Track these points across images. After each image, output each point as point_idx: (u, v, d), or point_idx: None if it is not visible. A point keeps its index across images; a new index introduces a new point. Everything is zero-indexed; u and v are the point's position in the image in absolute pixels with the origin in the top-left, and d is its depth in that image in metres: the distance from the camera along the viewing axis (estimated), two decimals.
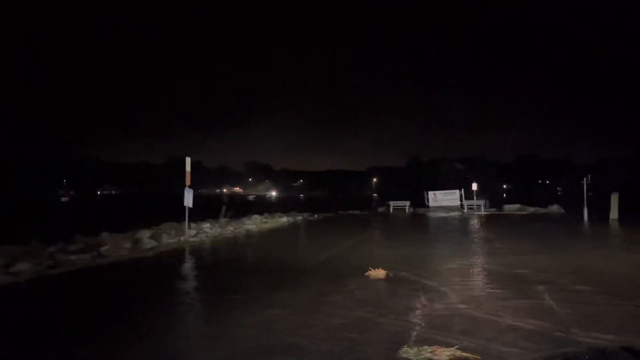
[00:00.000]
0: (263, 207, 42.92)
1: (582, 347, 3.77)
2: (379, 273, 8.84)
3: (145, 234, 15.06)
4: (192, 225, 18.26)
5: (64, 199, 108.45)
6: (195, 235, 16.37)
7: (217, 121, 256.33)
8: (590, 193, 24.14)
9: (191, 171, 16.52)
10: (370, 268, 9.08)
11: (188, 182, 15.97)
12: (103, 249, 12.75)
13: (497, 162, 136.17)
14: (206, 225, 18.01)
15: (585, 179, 25.40)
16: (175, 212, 19.33)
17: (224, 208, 19.06)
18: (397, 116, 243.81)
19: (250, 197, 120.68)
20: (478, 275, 8.88)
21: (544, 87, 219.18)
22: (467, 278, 8.68)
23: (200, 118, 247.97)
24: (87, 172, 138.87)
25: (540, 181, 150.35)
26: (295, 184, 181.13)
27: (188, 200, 15.81)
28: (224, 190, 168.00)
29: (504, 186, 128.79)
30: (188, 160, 15.97)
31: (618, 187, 26.65)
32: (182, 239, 15.52)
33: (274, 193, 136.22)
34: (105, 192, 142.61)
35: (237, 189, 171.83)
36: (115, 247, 13.20)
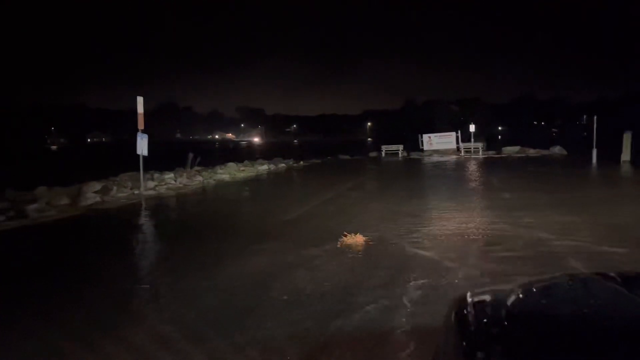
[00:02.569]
0: (247, 154, 40.74)
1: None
2: (356, 240, 6.75)
3: (92, 187, 12.90)
4: (156, 176, 16.15)
5: (53, 147, 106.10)
6: (154, 188, 14.23)
7: (208, 65, 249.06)
8: (585, 133, 21.99)
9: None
10: (345, 233, 6.99)
11: (141, 125, 13.62)
12: (31, 207, 10.59)
13: (492, 103, 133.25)
14: (169, 176, 15.82)
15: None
16: (157, 161, 17.32)
17: (190, 156, 16.78)
18: (392, 58, 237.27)
19: (243, 143, 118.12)
20: (489, 245, 6.74)
21: (539, 27, 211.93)
22: (472, 248, 6.58)
23: (190, 62, 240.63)
24: (76, 119, 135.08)
25: (535, 122, 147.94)
26: (288, 130, 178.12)
27: (142, 147, 13.52)
28: (216, 136, 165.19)
29: (500, 128, 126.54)
30: (140, 100, 13.53)
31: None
32: (135, 192, 13.38)
33: (256, 139, 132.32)
34: (95, 139, 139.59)
35: (229, 135, 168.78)
36: (48, 204, 11.07)
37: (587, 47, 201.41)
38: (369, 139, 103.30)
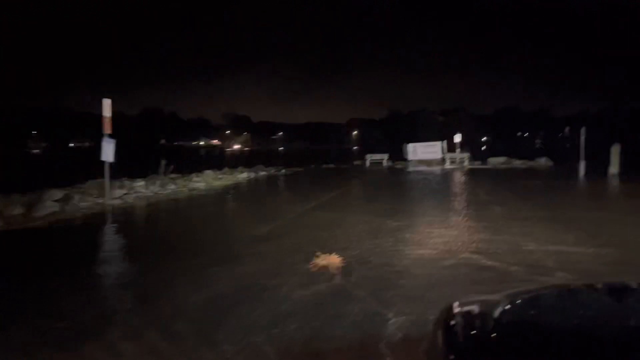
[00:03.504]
0: (229, 161, 39.80)
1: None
2: (331, 262, 5.97)
3: (53, 196, 11.96)
4: (126, 183, 15.21)
5: (34, 151, 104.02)
6: (121, 197, 13.30)
7: (195, 72, 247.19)
8: (568, 145, 21.66)
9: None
10: (319, 253, 6.20)
11: (107, 129, 12.72)
12: None
13: (477, 114, 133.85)
14: (140, 184, 14.91)
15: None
16: (134, 167, 16.54)
17: (163, 163, 15.86)
18: (378, 68, 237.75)
19: (228, 150, 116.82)
20: (482, 270, 5.99)
21: (523, 38, 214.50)
22: (462, 273, 5.83)
23: (177, 68, 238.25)
24: (59, 123, 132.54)
25: (520, 133, 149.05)
26: (274, 137, 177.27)
27: (107, 153, 12.61)
28: (201, 142, 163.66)
29: (484, 138, 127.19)
30: (106, 102, 12.63)
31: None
32: (99, 201, 12.45)
33: (236, 146, 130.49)
34: (77, 144, 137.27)
35: (214, 142, 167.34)
36: None
37: (570, 60, 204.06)
38: (355, 147, 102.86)
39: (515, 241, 7.11)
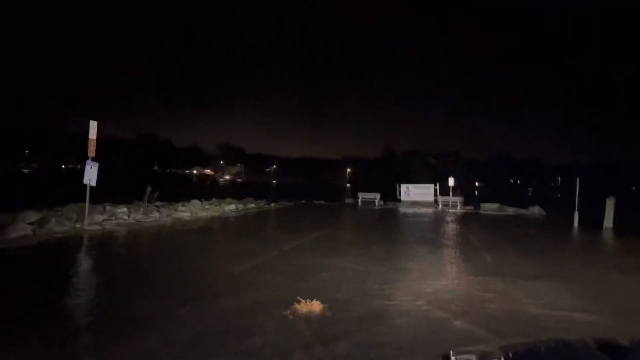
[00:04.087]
0: (219, 191, 39.31)
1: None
2: (312, 309, 5.47)
3: (27, 218, 11.42)
4: (108, 209, 14.69)
5: (25, 171, 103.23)
6: (100, 223, 12.75)
7: (192, 101, 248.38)
8: (559, 195, 21.42)
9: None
10: (299, 299, 5.70)
11: (91, 152, 12.30)
12: None
13: (470, 159, 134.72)
14: (122, 210, 14.37)
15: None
16: (120, 192, 16.07)
17: (148, 189, 15.35)
18: (373, 108, 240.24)
19: (221, 180, 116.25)
20: (473, 325, 5.51)
21: (520, 87, 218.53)
22: (453, 331, 5.34)
23: (174, 96, 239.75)
24: (52, 145, 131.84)
25: (512, 180, 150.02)
26: (268, 169, 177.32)
27: (90, 176, 12.15)
28: (194, 171, 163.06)
29: (477, 184, 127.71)
30: (93, 124, 12.26)
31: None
32: (77, 226, 11.90)
33: (227, 177, 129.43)
34: (70, 165, 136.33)
35: (207, 171, 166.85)
36: None
37: (562, 111, 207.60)
38: (348, 184, 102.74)
39: (515, 299, 6.62)
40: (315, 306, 5.56)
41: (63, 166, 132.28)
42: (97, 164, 12.37)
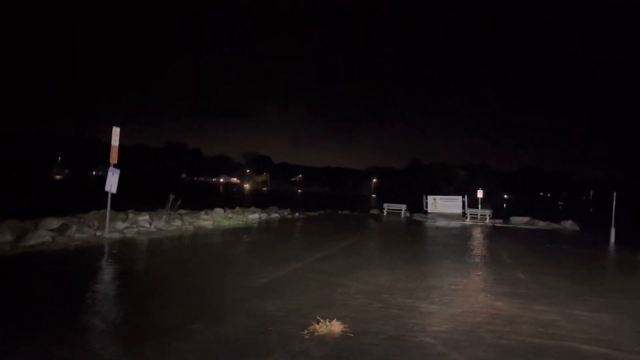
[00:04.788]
0: (244, 199, 39.28)
1: None
2: (331, 330, 5.07)
3: (49, 224, 11.35)
4: (130, 216, 14.59)
5: (58, 177, 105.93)
6: (122, 230, 12.61)
7: (220, 110, 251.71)
8: (591, 209, 20.47)
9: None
10: (318, 318, 5.31)
11: (114, 159, 12.18)
12: None
13: (498, 171, 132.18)
14: (144, 218, 14.24)
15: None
16: (146, 199, 16.11)
17: (170, 197, 15.19)
18: (400, 119, 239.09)
19: (247, 187, 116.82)
20: (505, 352, 5.01)
21: (550, 100, 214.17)
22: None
23: (203, 106, 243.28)
24: (85, 152, 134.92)
25: (542, 193, 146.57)
26: (293, 179, 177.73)
27: (111, 183, 12.02)
28: (221, 179, 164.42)
29: (505, 196, 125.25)
30: (116, 131, 12.14)
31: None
32: (98, 234, 11.76)
33: (246, 186, 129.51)
34: (100, 172, 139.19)
35: (234, 179, 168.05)
36: None
37: (594, 124, 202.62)
38: (373, 195, 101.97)
39: (564, 336, 6.08)
40: (335, 327, 5.16)
41: (94, 173, 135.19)
42: (118, 171, 12.25)
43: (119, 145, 12.61)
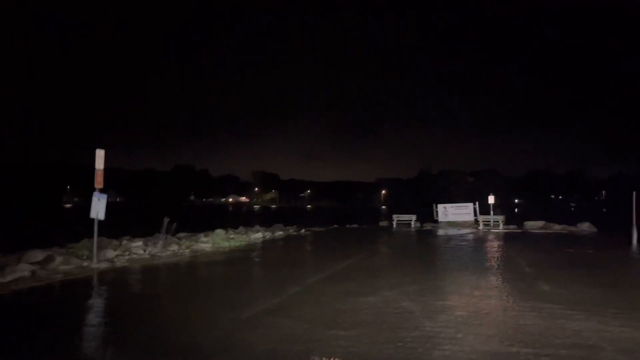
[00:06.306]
0: (250, 218, 38.53)
1: None
2: None
3: (32, 257, 10.61)
4: (124, 243, 13.86)
5: (67, 206, 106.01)
6: (112, 259, 11.82)
7: (226, 129, 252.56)
8: (604, 209, 19.45)
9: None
10: (315, 359, 4.45)
11: (99, 183, 11.42)
12: None
13: (508, 176, 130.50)
14: (137, 245, 13.48)
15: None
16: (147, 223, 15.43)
17: (165, 221, 14.40)
18: (408, 128, 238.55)
19: (256, 207, 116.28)
20: None
21: (556, 100, 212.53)
22: None
23: (209, 125, 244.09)
24: (91, 179, 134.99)
25: (553, 196, 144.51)
26: (302, 195, 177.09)
27: (97, 209, 11.25)
28: (229, 199, 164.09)
29: (516, 200, 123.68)
30: (100, 153, 11.39)
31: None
32: (84, 264, 10.97)
33: (243, 198, 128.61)
34: (109, 199, 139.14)
35: (242, 198, 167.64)
36: None
37: (603, 123, 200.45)
38: (383, 206, 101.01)
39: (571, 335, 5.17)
40: None
41: None
42: (105, 196, 11.49)
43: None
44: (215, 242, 16.20)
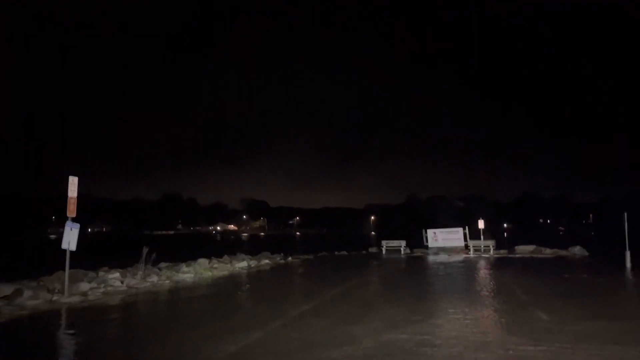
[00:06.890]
0: (239, 247, 37.75)
1: None
2: None
3: (1, 291, 9.93)
4: (100, 274, 13.15)
5: (52, 237, 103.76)
6: (85, 293, 11.12)
7: (214, 157, 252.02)
8: (592, 232, 19.20)
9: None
10: None
11: (71, 212, 10.83)
12: None
13: (497, 200, 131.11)
14: (114, 276, 12.79)
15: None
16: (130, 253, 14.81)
17: (145, 251, 13.76)
18: (396, 154, 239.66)
19: (244, 235, 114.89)
20: None
21: (544, 126, 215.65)
22: None
23: (196, 153, 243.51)
24: (79, 209, 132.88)
25: (541, 220, 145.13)
26: (291, 222, 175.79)
27: (69, 239, 10.63)
28: (217, 227, 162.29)
29: (505, 225, 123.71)
30: (73, 180, 10.84)
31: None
32: (54, 299, 10.29)
33: (231, 226, 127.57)
34: (96, 229, 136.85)
35: (231, 226, 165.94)
36: None
37: (589, 147, 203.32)
38: (372, 232, 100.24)
39: None
40: None
41: (89, 230, 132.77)
42: (78, 226, 10.90)
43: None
44: (197, 272, 15.53)
